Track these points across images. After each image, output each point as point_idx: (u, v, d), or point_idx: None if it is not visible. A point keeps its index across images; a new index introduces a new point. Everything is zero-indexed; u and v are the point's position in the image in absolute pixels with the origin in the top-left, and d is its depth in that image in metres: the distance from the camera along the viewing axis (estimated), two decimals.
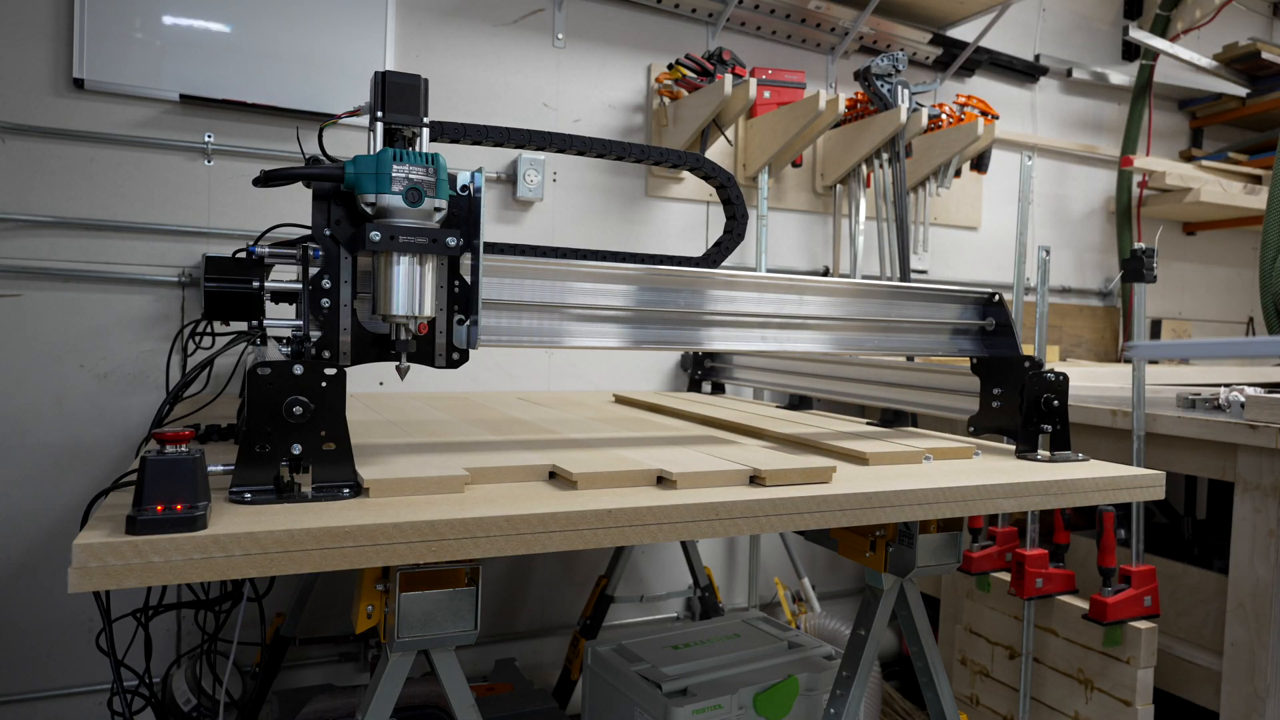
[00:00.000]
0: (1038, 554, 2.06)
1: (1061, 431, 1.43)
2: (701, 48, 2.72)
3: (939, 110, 2.81)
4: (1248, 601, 1.81)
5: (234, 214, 2.14)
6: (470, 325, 1.08)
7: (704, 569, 2.45)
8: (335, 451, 0.97)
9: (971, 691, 2.30)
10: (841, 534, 1.42)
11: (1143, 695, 1.88)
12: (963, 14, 2.97)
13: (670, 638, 1.85)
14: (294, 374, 0.95)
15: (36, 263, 1.97)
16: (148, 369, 2.07)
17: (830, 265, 2.96)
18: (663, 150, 1.40)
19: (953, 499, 1.17)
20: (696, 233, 2.75)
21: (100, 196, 2.02)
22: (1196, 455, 1.94)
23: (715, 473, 1.12)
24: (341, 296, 1.01)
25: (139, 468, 0.82)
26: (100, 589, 0.77)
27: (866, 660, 1.36)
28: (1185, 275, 3.93)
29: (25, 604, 1.98)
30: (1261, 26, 4.10)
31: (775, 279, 1.37)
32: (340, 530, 0.85)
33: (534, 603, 2.54)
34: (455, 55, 2.39)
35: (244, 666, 2.13)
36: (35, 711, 2.00)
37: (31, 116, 1.95)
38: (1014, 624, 2.16)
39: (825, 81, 2.98)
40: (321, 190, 1.00)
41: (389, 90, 1.03)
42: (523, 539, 0.93)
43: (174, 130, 2.08)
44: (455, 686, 1.07)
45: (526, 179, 2.43)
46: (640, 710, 1.65)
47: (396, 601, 0.99)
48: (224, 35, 2.09)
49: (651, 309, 1.26)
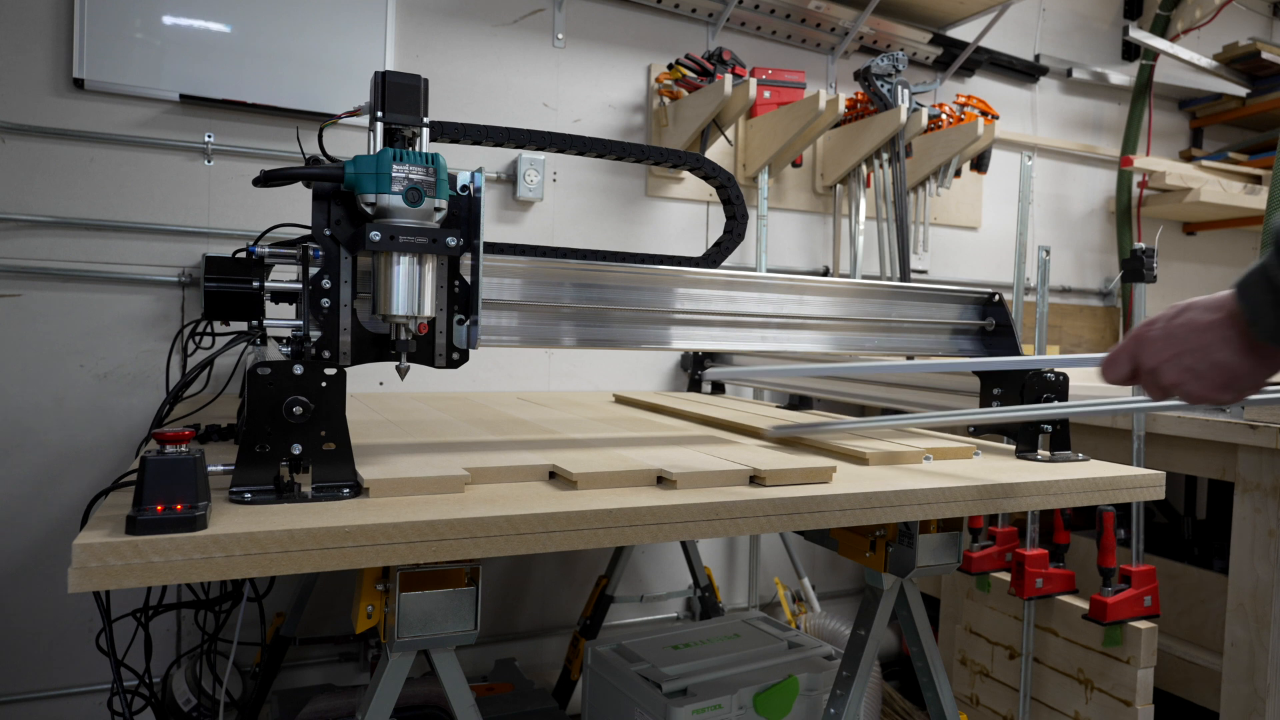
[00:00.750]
0: (1038, 554, 2.06)
1: (1061, 431, 1.43)
2: (701, 48, 2.72)
3: (939, 110, 2.81)
4: (1248, 601, 1.81)
5: (234, 214, 2.14)
6: (470, 325, 1.08)
7: (704, 569, 2.45)
8: (335, 451, 0.97)
9: (971, 691, 2.30)
10: (841, 534, 1.42)
11: (1143, 695, 1.88)
12: (963, 14, 2.97)
13: (670, 638, 1.85)
14: (294, 374, 0.95)
15: (36, 263, 1.97)
16: (148, 369, 2.07)
17: (830, 265, 2.96)
18: (663, 150, 1.40)
19: (953, 499, 1.17)
20: (696, 233, 2.75)
21: (100, 196, 2.02)
22: (1196, 455, 1.94)
23: (715, 473, 1.12)
24: (341, 296, 1.01)
25: (139, 468, 0.82)
26: (100, 589, 0.77)
27: (866, 660, 1.36)
28: (1185, 275, 3.93)
29: (25, 604, 1.98)
30: (1261, 26, 4.10)
31: (775, 279, 1.37)
32: (340, 530, 0.85)
33: (534, 603, 2.54)
34: (455, 55, 2.39)
35: (244, 666, 2.13)
36: (35, 711, 2.00)
37: (31, 116, 1.95)
38: (1014, 624, 2.16)
39: (825, 81, 2.98)
40: (321, 190, 1.00)
41: (389, 90, 1.03)
42: (523, 539, 0.93)
43: (174, 130, 2.08)
44: (455, 686, 1.07)
45: (526, 179, 2.43)
46: (640, 710, 1.65)
47: (396, 601, 0.99)
48: (224, 35, 2.09)
49: (651, 309, 1.26)
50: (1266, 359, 0.82)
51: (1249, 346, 0.81)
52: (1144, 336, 0.87)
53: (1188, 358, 0.83)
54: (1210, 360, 0.82)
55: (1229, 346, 0.82)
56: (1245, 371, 0.82)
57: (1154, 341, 0.85)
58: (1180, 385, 0.84)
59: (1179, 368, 0.84)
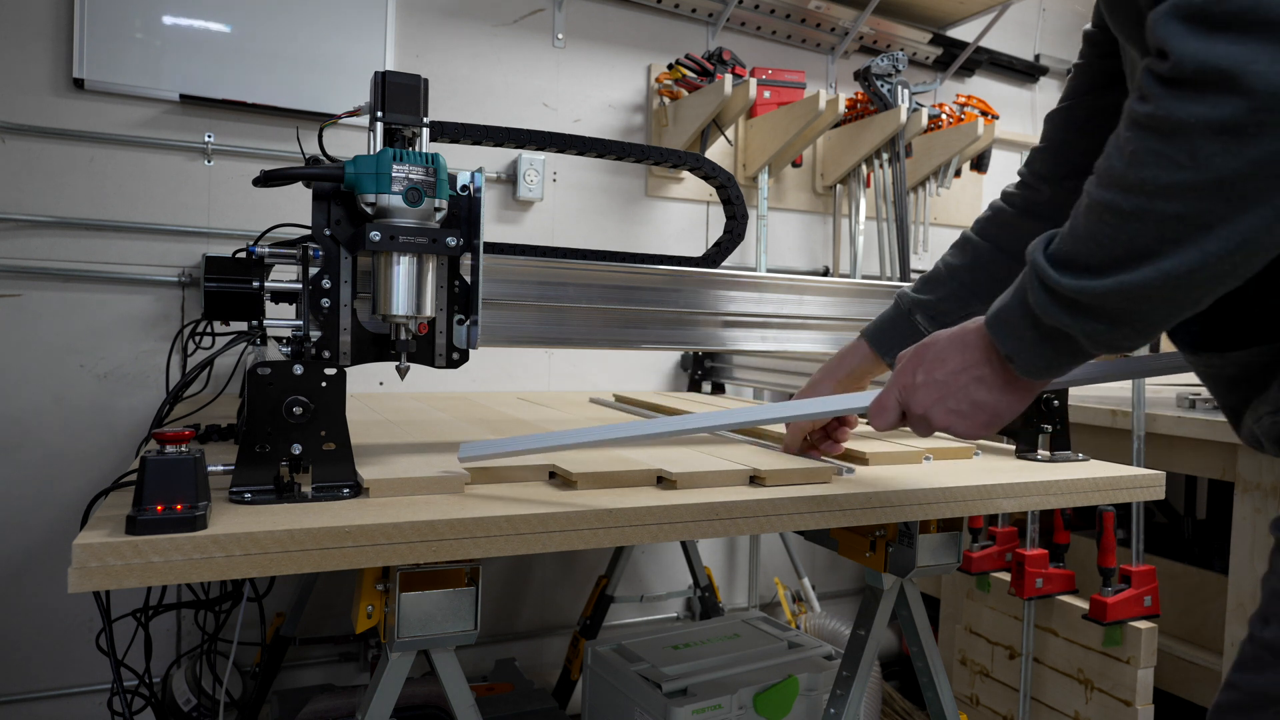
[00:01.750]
0: (1038, 554, 2.06)
1: (1061, 431, 1.43)
2: (701, 48, 2.72)
3: (939, 110, 2.81)
4: (1248, 601, 1.81)
5: (234, 214, 2.14)
6: (470, 325, 1.08)
7: (704, 569, 2.45)
8: (335, 451, 0.97)
9: (971, 691, 2.30)
10: (841, 534, 1.42)
11: (1143, 695, 1.88)
12: (963, 14, 2.97)
13: (670, 638, 1.85)
14: (294, 374, 0.95)
15: (36, 263, 1.97)
16: (148, 369, 2.07)
17: (830, 265, 2.96)
18: (663, 150, 1.40)
19: (953, 499, 1.17)
20: (696, 232, 2.75)
21: (100, 196, 2.02)
22: (1196, 455, 1.94)
23: (715, 473, 1.12)
24: (341, 296, 1.01)
25: (139, 468, 0.82)
26: (100, 589, 0.76)
27: (866, 660, 1.36)
28: None
29: (25, 604, 1.98)
30: None
31: (775, 279, 1.37)
32: (340, 530, 0.85)
33: (534, 603, 2.54)
34: (455, 55, 2.39)
35: (244, 666, 2.13)
36: (35, 711, 2.00)
37: (31, 116, 1.95)
38: (1014, 624, 2.16)
39: (825, 81, 2.98)
40: (321, 190, 1.00)
41: (389, 90, 1.03)
42: (523, 539, 0.93)
43: (174, 130, 2.08)
44: (455, 686, 1.07)
45: (526, 179, 2.43)
46: (640, 710, 1.65)
47: (396, 601, 0.99)
48: (224, 35, 2.09)
49: (651, 309, 1.26)
50: (1025, 391, 0.80)
51: (1005, 382, 0.79)
52: (908, 385, 0.86)
53: (951, 400, 0.82)
54: (970, 400, 0.81)
55: (984, 386, 0.80)
56: (1004, 407, 0.81)
57: (919, 389, 0.84)
58: (949, 427, 0.84)
59: (946, 411, 0.83)
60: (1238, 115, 0.54)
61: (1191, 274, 0.60)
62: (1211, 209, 0.57)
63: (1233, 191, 0.56)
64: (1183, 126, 0.57)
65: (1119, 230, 0.62)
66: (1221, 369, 0.78)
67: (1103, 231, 0.64)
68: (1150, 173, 0.59)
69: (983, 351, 0.80)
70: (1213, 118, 0.55)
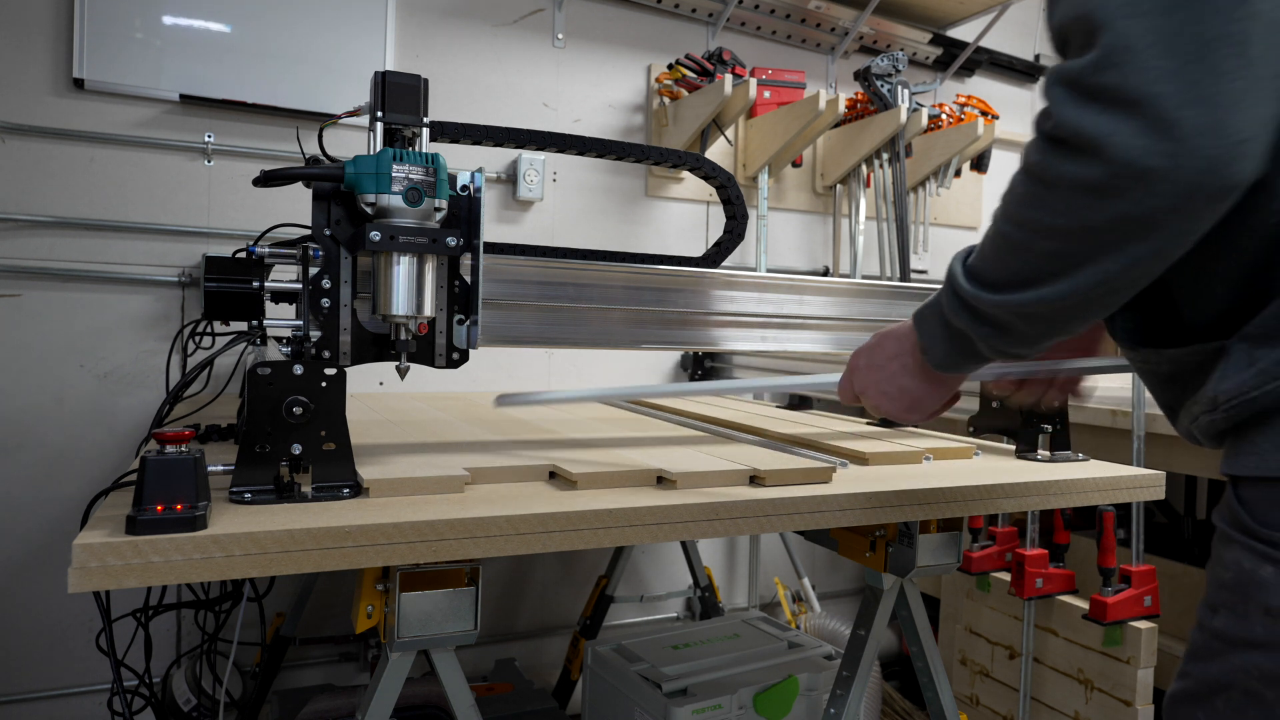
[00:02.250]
0: (1038, 554, 2.06)
1: (1061, 431, 1.43)
2: (701, 48, 2.72)
3: (939, 110, 2.81)
4: None
5: (234, 214, 2.14)
6: (470, 325, 1.08)
7: (704, 569, 2.45)
8: (335, 451, 0.97)
9: (971, 691, 2.30)
10: (841, 534, 1.42)
11: (1143, 695, 1.88)
12: (963, 14, 2.97)
13: (670, 638, 1.85)
14: (294, 374, 0.95)
15: (36, 263, 1.97)
16: (148, 369, 2.07)
17: (830, 265, 2.96)
18: (663, 150, 1.40)
19: (953, 499, 1.17)
20: (696, 233, 2.75)
21: (100, 196, 2.02)
22: (1196, 455, 1.94)
23: (715, 473, 1.12)
24: (341, 296, 1.01)
25: (139, 467, 0.82)
26: (100, 589, 0.77)
27: (866, 660, 1.36)
28: None
29: (25, 604, 1.98)
30: None
31: (775, 279, 1.37)
32: (340, 530, 0.85)
33: (534, 603, 2.54)
34: (455, 55, 2.39)
35: (244, 666, 2.13)
36: (35, 711, 2.00)
37: (32, 116, 1.95)
38: (1014, 624, 2.16)
39: (825, 81, 2.98)
40: (321, 190, 1.00)
41: (389, 90, 1.03)
42: (523, 539, 0.93)
43: (174, 130, 2.08)
44: (455, 686, 1.07)
45: (526, 179, 2.43)
46: (640, 710, 1.65)
47: (396, 601, 0.99)
48: (224, 35, 2.09)
49: (651, 309, 1.26)
50: (940, 383, 0.89)
51: (926, 372, 0.88)
52: (855, 367, 0.96)
53: (884, 384, 0.92)
54: (897, 385, 0.90)
55: (908, 373, 0.89)
56: (924, 394, 0.90)
57: (860, 371, 0.95)
58: (880, 407, 0.93)
59: (877, 392, 0.92)
60: (1100, 178, 0.62)
61: (1063, 300, 0.69)
62: (1080, 250, 0.66)
63: (1096, 239, 0.65)
64: (1060, 180, 0.65)
65: (1010, 257, 0.72)
66: (1158, 365, 0.81)
67: (998, 256, 0.74)
68: (1035, 214, 0.68)
69: (911, 343, 0.88)
70: (1080, 176, 0.63)
